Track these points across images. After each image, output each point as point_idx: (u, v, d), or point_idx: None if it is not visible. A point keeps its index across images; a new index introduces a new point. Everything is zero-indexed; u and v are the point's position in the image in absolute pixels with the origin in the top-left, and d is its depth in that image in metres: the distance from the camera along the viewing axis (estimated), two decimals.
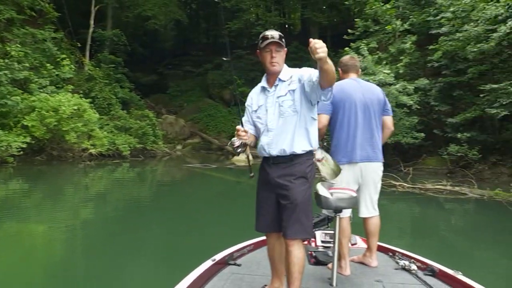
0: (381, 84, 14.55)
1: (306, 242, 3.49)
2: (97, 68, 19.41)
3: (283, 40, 2.43)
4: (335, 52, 23.90)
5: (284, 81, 2.47)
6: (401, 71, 15.72)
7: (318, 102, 2.45)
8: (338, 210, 2.46)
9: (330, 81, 2.22)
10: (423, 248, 6.01)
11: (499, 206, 9.41)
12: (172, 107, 29.84)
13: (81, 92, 16.26)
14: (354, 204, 2.49)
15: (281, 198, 2.36)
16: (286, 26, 39.94)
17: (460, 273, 2.71)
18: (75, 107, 13.12)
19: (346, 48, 16.60)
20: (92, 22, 21.47)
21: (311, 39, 2.05)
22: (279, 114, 2.41)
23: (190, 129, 25.65)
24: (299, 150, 2.38)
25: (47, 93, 13.75)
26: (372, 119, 3.03)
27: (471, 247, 6.21)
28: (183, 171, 15.68)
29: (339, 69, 3.25)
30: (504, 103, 12.90)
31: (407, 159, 16.98)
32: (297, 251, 2.33)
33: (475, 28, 13.51)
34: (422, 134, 15.56)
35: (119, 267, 4.51)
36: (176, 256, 4.95)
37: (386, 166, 11.92)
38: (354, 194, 2.47)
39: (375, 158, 3.02)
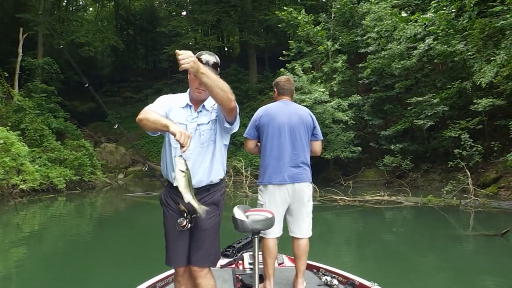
0: (317, 102, 15.09)
1: (234, 266, 3.45)
2: (27, 98, 18.36)
3: (218, 68, 2.32)
4: (273, 73, 24.65)
5: (208, 110, 2.39)
6: (335, 89, 16.40)
7: (230, 128, 2.36)
8: (255, 232, 2.45)
9: (219, 99, 2.10)
10: (358, 260, 6.17)
11: (431, 212, 9.98)
12: (113, 134, 28.87)
13: (9, 124, 15.27)
14: (270, 225, 2.49)
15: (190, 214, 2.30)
16: (226, 49, 40.51)
17: (376, 284, 2.80)
18: (1, 141, 12.27)
19: (282, 69, 17.08)
20: (20, 50, 20.43)
21: (176, 51, 1.95)
22: (200, 143, 2.32)
23: (131, 156, 24.87)
24: (216, 179, 2.37)
25: None
26: (297, 141, 3.08)
27: (402, 256, 6.45)
28: (124, 201, 15.08)
29: (275, 89, 3.32)
30: (429, 114, 13.85)
31: (348, 173, 17.59)
32: (206, 282, 2.28)
33: (398, 46, 14.47)
34: (359, 148, 16.24)
35: None
36: None
37: (328, 181, 12.23)
38: (270, 215, 2.47)
39: (300, 179, 3.06)
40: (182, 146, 1.98)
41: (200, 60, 2.23)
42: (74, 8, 36.40)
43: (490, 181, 12.20)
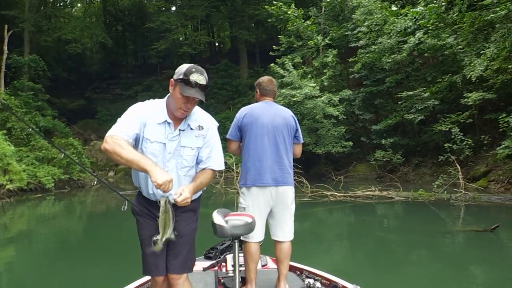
0: (308, 97, 15.01)
1: (216, 268, 3.35)
2: (13, 97, 18.06)
3: (207, 88, 2.11)
4: (264, 68, 24.53)
5: (193, 129, 2.19)
6: (326, 84, 16.33)
7: None
8: (235, 237, 2.35)
9: None
10: (347, 259, 6.11)
11: (422, 206, 9.94)
12: (103, 132, 28.55)
13: None
14: (250, 230, 2.40)
15: None
16: (216, 44, 40.25)
17: (359, 286, 2.73)
18: None
19: (272, 64, 16.95)
20: (5, 48, 20.05)
21: (177, 200, 2.01)
22: (180, 166, 2.17)
23: None
24: (192, 198, 2.19)
25: None
26: (280, 143, 2.99)
27: (391, 253, 6.38)
28: (114, 199, 14.90)
29: (257, 90, 3.21)
30: (419, 108, 13.84)
31: (340, 167, 17.58)
32: None
33: (388, 40, 14.41)
34: (350, 143, 16.22)
35: None
36: None
37: (320, 176, 12.06)
38: (250, 220, 2.38)
39: (284, 182, 2.96)
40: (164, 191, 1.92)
41: (187, 80, 2.02)
42: (61, 4, 35.88)
43: (480, 174, 12.23)
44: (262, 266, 3.41)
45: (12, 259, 6.62)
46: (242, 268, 2.96)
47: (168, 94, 2.19)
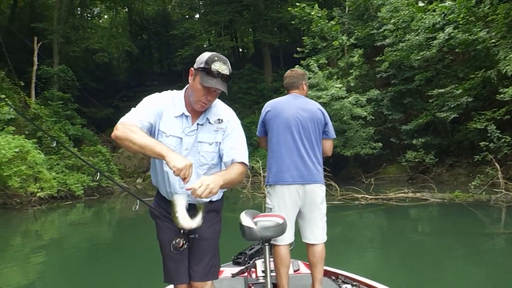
0: (334, 98, 14.70)
1: (246, 274, 3.16)
2: (43, 106, 18.57)
3: (231, 79, 1.94)
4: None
5: (211, 124, 2.00)
6: (352, 84, 15.98)
7: None
8: (265, 240, 2.15)
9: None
10: (382, 264, 5.80)
11: (460, 208, 9.48)
12: None
13: (26, 132, 15.37)
14: (281, 231, 2.20)
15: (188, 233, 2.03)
16: (240, 50, 40.36)
17: None
18: (17, 149, 12.28)
19: (297, 66, 16.71)
20: (35, 59, 20.66)
21: (193, 189, 1.70)
22: (198, 164, 1.98)
23: (150, 160, 24.86)
24: (214, 199, 2.09)
25: None
26: (306, 138, 2.79)
27: (429, 257, 6.00)
28: (142, 205, 14.96)
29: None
30: (452, 106, 13.30)
31: (369, 170, 17.12)
32: None
33: (417, 37, 13.95)
34: (380, 144, 15.76)
35: None
36: None
37: (349, 179, 11.74)
38: (281, 221, 2.18)
39: (311, 180, 2.75)
40: (183, 179, 1.68)
41: (209, 69, 1.84)
42: (88, 15, 36.88)
43: None
44: (295, 271, 3.21)
45: (43, 266, 6.63)
46: (273, 274, 2.77)
47: (187, 85, 2.01)
